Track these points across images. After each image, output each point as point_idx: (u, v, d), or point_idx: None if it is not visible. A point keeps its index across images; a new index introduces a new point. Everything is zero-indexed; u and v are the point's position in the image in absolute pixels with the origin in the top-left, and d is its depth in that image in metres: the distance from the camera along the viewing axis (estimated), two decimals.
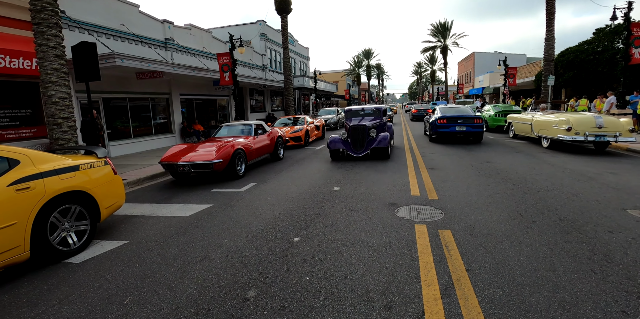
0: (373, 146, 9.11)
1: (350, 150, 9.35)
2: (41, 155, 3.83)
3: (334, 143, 9.49)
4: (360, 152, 9.28)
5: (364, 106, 11.25)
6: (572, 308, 2.50)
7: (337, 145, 9.47)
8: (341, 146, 9.42)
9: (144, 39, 14.23)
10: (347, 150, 9.40)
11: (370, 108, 11.13)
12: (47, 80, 6.92)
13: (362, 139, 9.31)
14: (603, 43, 19.09)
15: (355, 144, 9.38)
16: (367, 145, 9.27)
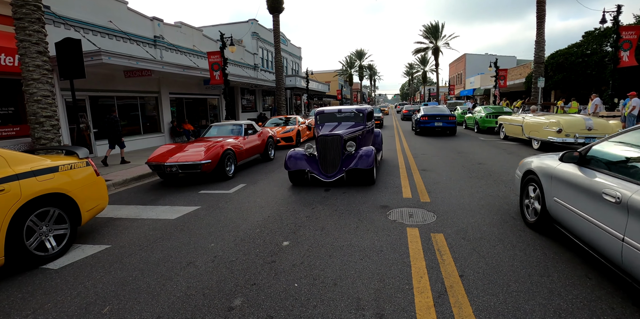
0: (350, 166, 6.27)
1: (317, 172, 6.44)
2: (17, 156, 3.64)
3: (294, 160, 6.57)
4: (331, 175, 6.38)
5: (342, 107, 8.20)
6: (568, 316, 2.44)
7: (298, 164, 6.52)
8: (305, 166, 6.49)
9: (132, 37, 13.96)
10: (312, 171, 6.43)
11: (350, 110, 8.07)
12: (29, 78, 6.69)
13: (334, 156, 6.43)
14: (592, 46, 19.34)
15: (324, 163, 6.48)
16: (342, 165, 6.41)
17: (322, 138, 6.50)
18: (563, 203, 3.32)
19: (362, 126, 7.56)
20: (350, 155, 6.50)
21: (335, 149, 6.45)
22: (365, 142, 7.63)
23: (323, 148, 6.50)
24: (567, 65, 19.89)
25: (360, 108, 8.09)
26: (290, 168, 6.54)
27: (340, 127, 7.29)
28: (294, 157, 6.64)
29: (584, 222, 2.96)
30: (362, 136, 7.44)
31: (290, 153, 6.71)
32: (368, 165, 6.20)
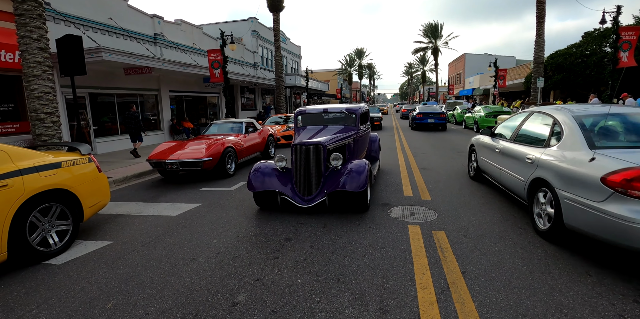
0: (335, 188, 4.59)
1: (291, 194, 4.75)
2: (20, 151, 3.64)
3: (260, 177, 4.92)
4: (309, 198, 4.69)
5: (329, 106, 6.50)
6: (570, 312, 2.46)
7: (266, 182, 4.88)
8: (275, 185, 4.83)
9: (132, 34, 13.92)
10: (284, 192, 4.74)
11: (338, 110, 6.30)
12: (29, 74, 6.67)
13: (313, 173, 4.77)
14: (591, 46, 19.39)
15: (300, 182, 4.80)
16: (324, 185, 4.72)
17: (297, 148, 4.83)
18: (483, 158, 5.92)
19: (354, 131, 5.85)
20: (335, 171, 4.78)
21: (314, 163, 4.75)
22: (357, 152, 5.98)
23: (298, 162, 4.79)
24: (566, 65, 19.94)
25: (352, 108, 6.25)
26: (255, 187, 4.80)
27: (325, 132, 5.63)
28: (261, 171, 4.95)
29: (490, 165, 5.51)
30: (354, 144, 5.77)
31: (257, 166, 5.05)
32: (359, 186, 4.42)
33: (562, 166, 3.50)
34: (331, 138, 5.20)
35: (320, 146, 4.82)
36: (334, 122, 6.25)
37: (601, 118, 3.88)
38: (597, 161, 3.13)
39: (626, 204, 2.79)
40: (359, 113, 6.21)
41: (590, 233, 3.09)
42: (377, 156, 7.31)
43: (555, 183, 3.51)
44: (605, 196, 2.92)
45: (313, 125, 6.19)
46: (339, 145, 5.30)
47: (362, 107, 6.53)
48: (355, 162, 4.85)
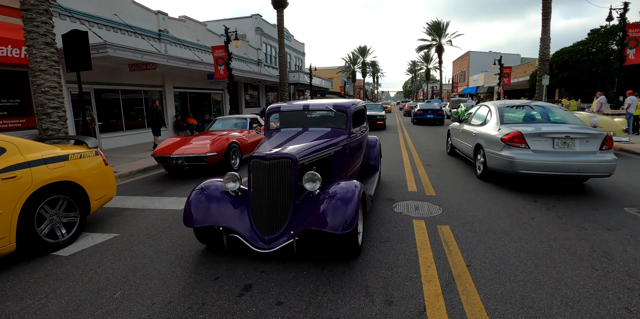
0: (306, 226, 3.04)
1: (247, 232, 3.21)
2: (28, 144, 3.68)
3: (202, 204, 3.39)
4: (270, 238, 3.14)
5: (310, 102, 4.92)
6: (575, 305, 2.46)
7: (211, 211, 3.34)
8: (221, 218, 3.29)
9: (137, 30, 13.95)
10: (235, 229, 3.22)
11: (323, 106, 4.66)
12: (36, 69, 6.71)
13: (277, 199, 3.24)
14: (598, 44, 19.24)
15: (259, 214, 3.25)
16: (293, 220, 3.21)
17: (256, 163, 3.27)
18: (455, 138, 8.15)
19: (344, 136, 4.27)
20: (312, 198, 3.25)
21: (280, 185, 3.22)
22: (348, 164, 4.36)
23: (258, 183, 3.26)
24: (572, 63, 19.81)
25: (342, 105, 4.58)
26: (193, 221, 3.25)
27: (303, 137, 4.02)
28: (207, 195, 3.41)
29: (457, 141, 7.94)
30: (344, 154, 4.21)
31: (202, 187, 3.53)
32: (343, 225, 2.93)
33: (487, 135, 6.15)
34: (307, 148, 3.54)
35: (288, 160, 3.18)
36: (319, 123, 4.71)
37: (511, 109, 6.57)
38: (500, 130, 5.78)
39: (509, 150, 5.43)
40: (350, 112, 4.52)
41: (497, 169, 5.73)
42: (376, 165, 5.72)
43: (484, 145, 6.17)
44: (501, 147, 5.56)
45: (290, 128, 4.61)
46: (319, 157, 3.70)
47: (356, 103, 4.87)
48: (343, 184, 3.22)
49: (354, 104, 4.79)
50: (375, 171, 5.65)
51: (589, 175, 5.14)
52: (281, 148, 3.47)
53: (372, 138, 6.10)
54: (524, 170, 5.23)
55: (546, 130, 5.31)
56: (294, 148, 3.52)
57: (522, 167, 5.22)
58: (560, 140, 5.23)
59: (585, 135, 5.19)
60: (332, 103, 4.63)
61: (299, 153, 3.38)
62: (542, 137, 5.27)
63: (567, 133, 5.20)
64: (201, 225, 3.22)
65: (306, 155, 3.48)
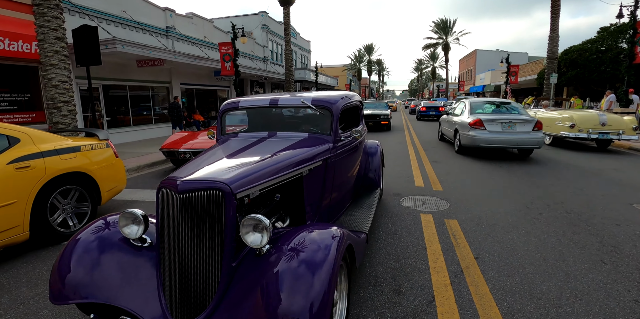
0: (245, 311, 1.60)
1: (144, 315, 1.70)
2: (42, 134, 3.73)
3: (76, 268, 1.89)
4: None
5: (280, 96, 3.30)
6: (585, 297, 2.47)
7: (88, 284, 1.83)
8: (108, 290, 1.82)
9: (145, 26, 14.03)
10: (129, 308, 1.74)
11: (297, 101, 3.13)
12: (47, 63, 6.78)
13: (199, 267, 1.74)
14: (607, 42, 19.01)
15: (168, 285, 1.76)
16: (223, 299, 1.72)
17: (164, 196, 1.89)
18: (443, 127, 10.71)
19: (327, 146, 2.89)
20: (257, 258, 1.84)
21: (201, 236, 1.79)
22: (332, 187, 3.03)
23: (167, 231, 1.84)
24: (581, 61, 19.60)
25: (325, 99, 3.13)
26: (61, 294, 1.86)
27: (258, 149, 2.63)
28: (90, 247, 2.01)
29: (444, 128, 10.51)
30: (325, 173, 2.88)
31: (85, 234, 2.10)
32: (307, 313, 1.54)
33: (461, 121, 8.48)
34: (258, 169, 2.16)
35: (216, 192, 1.84)
36: (295, 125, 3.32)
37: (479, 104, 9.00)
38: (469, 118, 8.09)
39: (473, 130, 7.73)
40: (337, 109, 3.05)
41: (466, 144, 8.09)
42: (376, 179, 4.31)
43: (459, 129, 8.50)
44: (469, 130, 7.81)
45: (254, 132, 3.22)
46: (282, 182, 2.36)
47: (348, 97, 3.44)
48: (313, 235, 1.90)
49: (344, 98, 3.28)
50: (375, 188, 4.19)
51: (524, 147, 7.66)
52: (210, 170, 1.99)
53: (372, 144, 4.69)
54: (482, 144, 7.71)
55: (497, 117, 7.80)
56: (233, 168, 2.06)
57: (481, 142, 7.70)
58: (506, 123, 7.68)
59: (523, 120, 7.64)
60: (312, 97, 3.10)
61: (239, 179, 1.93)
62: (495, 122, 7.71)
63: (510, 119, 7.70)
64: (73, 301, 1.81)
65: (254, 180, 2.03)
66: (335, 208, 3.18)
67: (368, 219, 3.21)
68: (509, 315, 2.27)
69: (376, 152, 4.56)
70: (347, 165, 3.38)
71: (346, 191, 3.47)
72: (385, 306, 2.38)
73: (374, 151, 4.57)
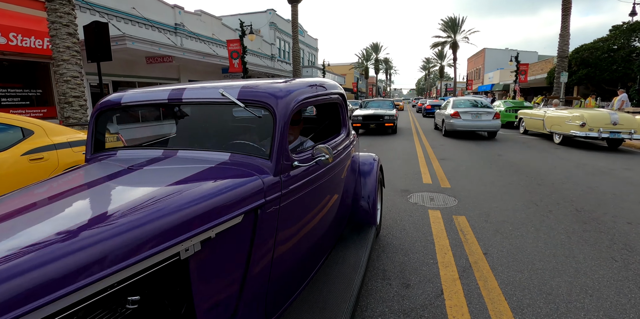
0: None
1: None
2: (54, 127, 3.80)
3: None
4: None
5: (187, 85, 1.95)
6: (595, 293, 2.45)
7: None
8: None
9: (154, 24, 14.13)
10: None
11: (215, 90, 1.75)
12: (59, 58, 6.88)
13: None
14: (619, 40, 18.73)
15: None
16: None
17: None
18: (436, 118, 14.44)
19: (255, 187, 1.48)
20: None
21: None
22: (269, 265, 1.59)
23: None
24: (592, 60, 19.33)
25: (265, 91, 1.72)
26: None
27: (93, 198, 1.33)
28: None
29: (437, 120, 14.06)
30: (249, 242, 1.48)
31: None
32: None
33: (446, 113, 11.85)
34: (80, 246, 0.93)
35: None
36: (220, 137, 2.12)
37: (460, 101, 12.30)
38: (451, 111, 11.46)
39: (453, 119, 11.31)
40: (285, 109, 1.68)
41: (448, 129, 11.65)
42: (369, 211, 2.96)
43: (445, 119, 11.88)
44: (450, 119, 11.37)
45: (148, 148, 2.06)
46: (141, 270, 1.07)
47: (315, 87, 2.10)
48: None
49: (309, 88, 2.01)
50: (369, 227, 2.86)
51: (487, 130, 11.29)
52: None
53: (366, 159, 3.22)
54: (459, 128, 11.31)
55: (469, 110, 11.29)
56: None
57: (458, 127, 11.27)
58: (474, 114, 11.20)
59: (486, 112, 11.21)
60: (242, 85, 1.81)
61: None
62: (467, 113, 11.20)
63: (478, 111, 11.22)
64: None
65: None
66: (284, 286, 1.76)
67: (348, 300, 1.85)
68: (518, 310, 2.26)
69: (371, 171, 3.09)
70: (311, 206, 1.95)
71: (307, 250, 1.99)
72: (393, 298, 2.39)
73: (368, 169, 3.10)
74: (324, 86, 2.26)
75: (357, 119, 13.02)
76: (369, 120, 12.93)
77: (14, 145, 3.31)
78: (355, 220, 2.97)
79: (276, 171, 1.60)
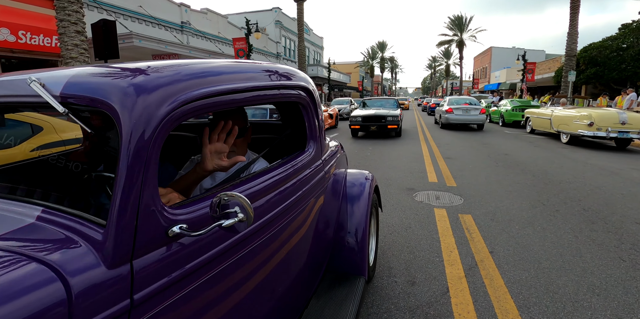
0: None
1: None
2: (63, 124, 3.84)
3: None
4: None
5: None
6: (602, 292, 2.43)
7: None
8: None
9: (160, 22, 14.20)
10: None
11: (17, 86, 1.02)
12: (67, 56, 6.94)
13: None
14: (629, 39, 18.50)
15: None
16: None
17: None
18: (436, 114, 17.22)
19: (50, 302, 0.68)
20: None
21: None
22: None
23: None
24: (600, 59, 19.12)
25: (103, 84, 0.89)
26: None
27: None
28: None
29: (436, 116, 16.83)
30: None
31: None
32: None
33: (442, 110, 14.87)
34: None
35: None
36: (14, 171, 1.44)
37: (454, 100, 15.31)
38: (446, 107, 14.43)
39: (447, 114, 14.12)
40: (152, 115, 0.86)
41: (443, 122, 14.45)
42: (356, 253, 2.06)
43: (441, 114, 15.16)
44: (445, 114, 14.22)
45: None
46: None
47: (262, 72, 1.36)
48: None
49: (205, 77, 1.05)
50: (355, 278, 2.00)
51: (474, 122, 13.72)
52: None
53: (356, 178, 2.36)
54: (452, 121, 13.86)
55: (460, 107, 13.84)
56: None
57: (451, 120, 13.86)
58: (464, 110, 13.75)
59: (474, 108, 13.70)
60: (75, 73, 0.97)
61: None
62: (459, 109, 13.75)
63: (467, 108, 13.71)
64: None
65: None
66: None
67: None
68: (524, 308, 2.26)
69: (362, 195, 2.22)
70: (235, 280, 1.14)
71: None
72: (399, 296, 2.39)
73: (357, 192, 2.23)
74: (288, 75, 1.57)
75: (356, 120, 11.53)
76: (370, 121, 11.28)
77: (23, 141, 3.35)
78: (336, 265, 2.05)
79: (117, 255, 0.80)
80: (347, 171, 2.42)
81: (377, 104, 13.74)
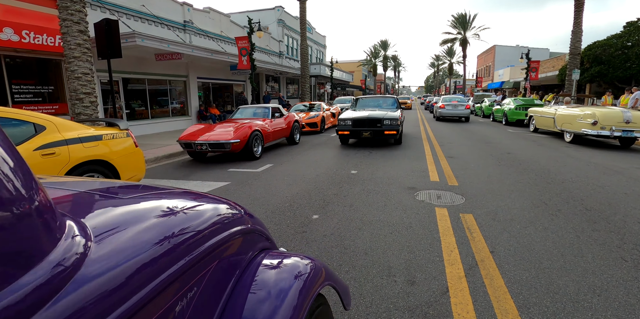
0: None
1: None
2: (66, 123, 3.86)
3: None
4: None
5: None
6: (603, 293, 2.42)
7: None
8: None
9: (163, 21, 14.21)
10: None
11: None
12: (70, 55, 6.97)
13: None
14: (633, 37, 18.32)
15: None
16: None
17: None
18: (434, 110, 21.61)
19: None
20: None
21: None
22: None
23: None
24: (605, 57, 18.95)
25: None
26: None
27: None
28: None
29: (435, 111, 20.18)
30: None
31: None
32: None
33: (437, 106, 19.24)
34: None
35: None
36: None
37: (447, 98, 19.66)
38: (440, 103, 18.78)
39: (440, 109, 18.40)
40: None
41: (437, 116, 19.23)
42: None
43: (436, 109, 19.62)
44: (439, 109, 18.59)
45: None
46: None
47: None
48: None
49: None
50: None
51: (461, 116, 18.01)
52: None
53: (272, 281, 1.19)
54: (444, 115, 18.19)
55: (450, 103, 18.03)
56: None
57: (443, 114, 18.14)
58: (453, 105, 17.90)
59: (461, 104, 17.82)
60: None
61: None
62: (449, 105, 17.98)
63: (456, 104, 17.89)
64: None
65: None
66: None
67: None
68: (524, 308, 2.25)
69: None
70: None
71: None
72: (398, 295, 2.39)
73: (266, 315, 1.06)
74: None
75: (345, 125, 9.17)
76: (362, 125, 9.09)
77: (26, 141, 3.38)
78: None
79: None
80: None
81: (372, 104, 11.32)
